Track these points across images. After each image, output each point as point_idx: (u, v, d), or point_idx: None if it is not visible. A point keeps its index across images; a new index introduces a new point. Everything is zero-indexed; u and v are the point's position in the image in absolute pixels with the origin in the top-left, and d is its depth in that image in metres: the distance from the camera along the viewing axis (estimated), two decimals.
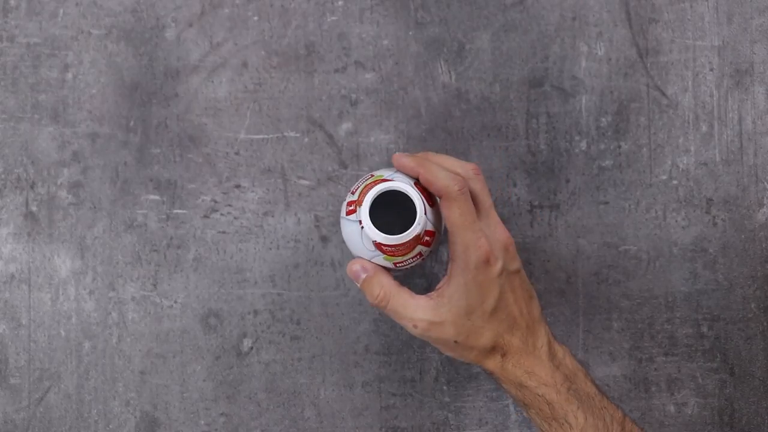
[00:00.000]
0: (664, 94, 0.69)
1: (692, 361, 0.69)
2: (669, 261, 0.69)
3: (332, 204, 0.69)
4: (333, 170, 0.69)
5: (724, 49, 0.69)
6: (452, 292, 0.56)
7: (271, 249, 0.69)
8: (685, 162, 0.69)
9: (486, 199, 0.57)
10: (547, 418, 0.56)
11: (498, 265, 0.56)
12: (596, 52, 0.69)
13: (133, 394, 0.69)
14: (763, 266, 0.69)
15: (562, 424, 0.56)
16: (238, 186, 0.69)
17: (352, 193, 0.59)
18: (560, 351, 0.58)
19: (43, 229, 0.69)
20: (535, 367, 0.57)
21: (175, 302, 0.69)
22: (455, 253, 0.56)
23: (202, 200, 0.69)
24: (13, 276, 0.69)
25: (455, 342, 0.56)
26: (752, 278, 0.69)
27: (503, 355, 0.57)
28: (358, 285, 0.59)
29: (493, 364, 0.57)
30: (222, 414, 0.69)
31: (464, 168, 0.57)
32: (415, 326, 0.57)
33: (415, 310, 0.56)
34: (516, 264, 0.58)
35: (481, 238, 0.55)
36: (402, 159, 0.57)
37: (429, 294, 0.57)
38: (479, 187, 0.57)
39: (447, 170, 0.56)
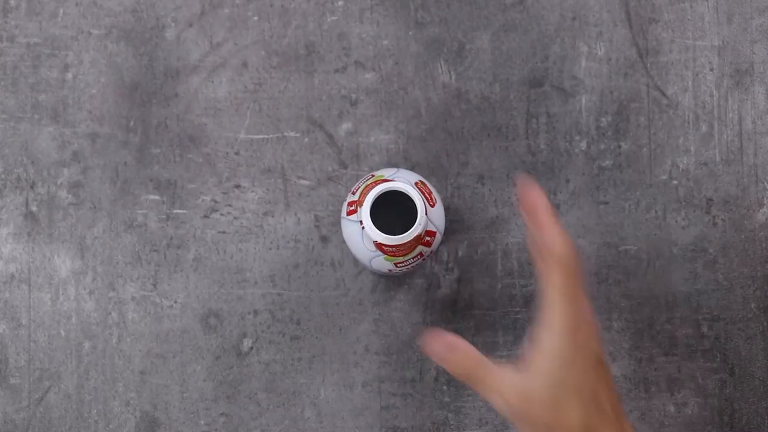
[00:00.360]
0: (664, 94, 0.69)
1: (692, 361, 0.69)
2: (669, 261, 0.69)
3: (332, 204, 0.69)
4: (333, 170, 0.69)
5: (724, 49, 0.69)
6: (542, 364, 0.49)
7: (271, 249, 0.69)
8: (685, 162, 0.69)
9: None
10: None
11: (592, 346, 0.50)
12: (596, 52, 0.69)
13: (133, 394, 0.69)
14: (763, 266, 0.69)
15: None
16: (238, 186, 0.69)
17: (353, 193, 0.59)
18: None
19: (43, 229, 0.69)
20: None
21: (175, 302, 0.69)
22: (552, 323, 0.49)
23: (202, 200, 0.69)
24: (13, 276, 0.69)
25: (545, 424, 0.50)
26: (752, 278, 0.69)
27: None
28: (440, 362, 0.52)
29: None
30: (222, 414, 0.69)
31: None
32: (505, 402, 0.50)
33: (504, 382, 0.50)
34: (602, 351, 0.52)
35: (580, 314, 0.49)
36: (532, 196, 0.50)
37: (513, 364, 0.52)
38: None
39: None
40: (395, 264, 0.58)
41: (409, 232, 0.55)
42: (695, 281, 0.69)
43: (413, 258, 0.58)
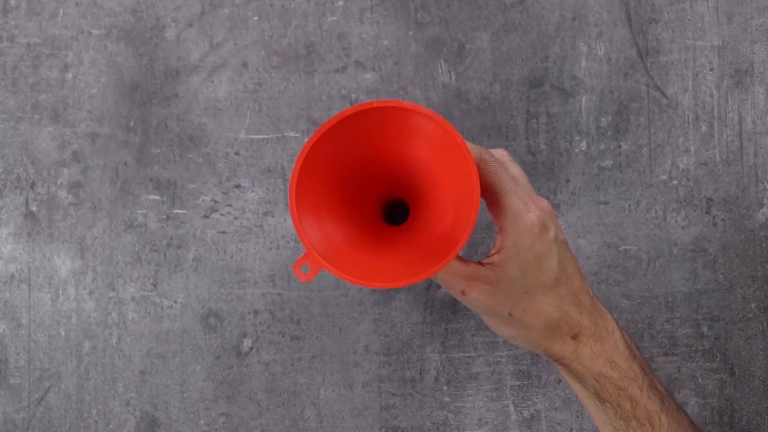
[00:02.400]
0: (664, 94, 0.69)
1: (692, 361, 0.69)
2: (669, 261, 0.69)
3: None
4: None
5: (724, 49, 0.69)
6: (505, 263, 0.48)
7: (271, 249, 0.69)
8: (685, 162, 0.69)
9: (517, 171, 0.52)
10: (626, 416, 0.50)
11: (552, 232, 0.49)
12: (596, 52, 0.69)
13: (133, 394, 0.69)
14: (763, 266, 0.69)
15: (644, 425, 0.50)
16: (238, 186, 0.69)
17: None
18: (628, 337, 0.51)
19: (43, 229, 0.69)
20: (614, 355, 0.49)
21: (175, 302, 0.69)
22: (504, 223, 0.48)
23: (202, 200, 0.69)
24: (13, 276, 0.69)
25: (509, 314, 0.49)
26: (752, 278, 0.69)
27: (574, 338, 0.49)
28: None
29: (563, 348, 0.49)
30: (222, 414, 0.69)
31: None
32: (463, 293, 0.49)
33: (466, 278, 0.49)
34: (563, 234, 0.50)
35: (528, 202, 0.48)
36: None
37: (480, 261, 0.50)
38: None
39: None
40: None
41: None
42: (695, 281, 0.69)
43: None
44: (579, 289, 0.50)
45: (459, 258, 0.49)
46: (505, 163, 0.50)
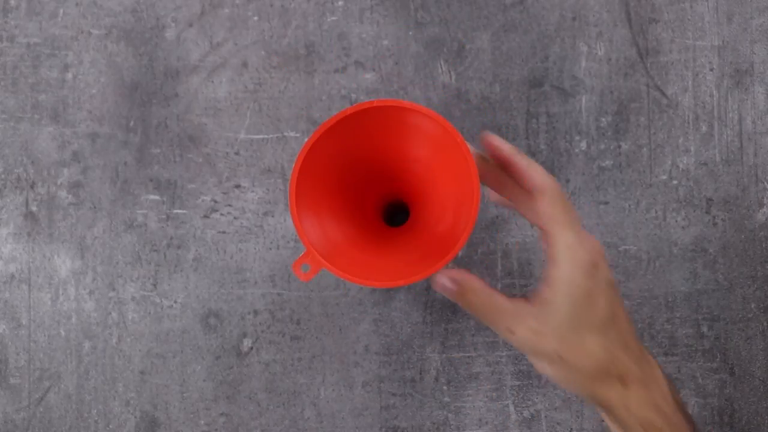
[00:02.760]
0: (664, 94, 0.69)
1: (692, 361, 0.69)
2: (669, 261, 0.69)
3: None
4: None
5: (724, 49, 0.69)
6: (554, 297, 0.47)
7: (271, 249, 0.69)
8: (685, 162, 0.69)
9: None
10: None
11: (603, 271, 0.47)
12: (596, 52, 0.69)
13: (133, 394, 0.69)
14: (763, 266, 0.69)
15: None
16: (238, 186, 0.69)
17: None
18: (672, 384, 0.50)
19: (43, 229, 0.69)
20: (661, 403, 0.48)
21: (175, 302, 0.69)
22: (556, 255, 0.47)
23: (202, 200, 0.69)
24: (13, 276, 0.69)
25: (559, 356, 0.47)
26: (752, 278, 0.69)
27: (623, 383, 0.48)
28: (451, 298, 0.50)
29: (612, 393, 0.48)
30: (222, 414, 0.69)
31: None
32: (512, 332, 0.47)
33: (513, 316, 0.47)
34: (612, 275, 0.49)
35: (584, 239, 0.47)
36: (495, 140, 0.47)
37: (527, 298, 0.48)
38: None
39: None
40: None
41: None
42: (695, 281, 0.69)
43: None
44: (627, 333, 0.48)
45: (503, 295, 0.48)
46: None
